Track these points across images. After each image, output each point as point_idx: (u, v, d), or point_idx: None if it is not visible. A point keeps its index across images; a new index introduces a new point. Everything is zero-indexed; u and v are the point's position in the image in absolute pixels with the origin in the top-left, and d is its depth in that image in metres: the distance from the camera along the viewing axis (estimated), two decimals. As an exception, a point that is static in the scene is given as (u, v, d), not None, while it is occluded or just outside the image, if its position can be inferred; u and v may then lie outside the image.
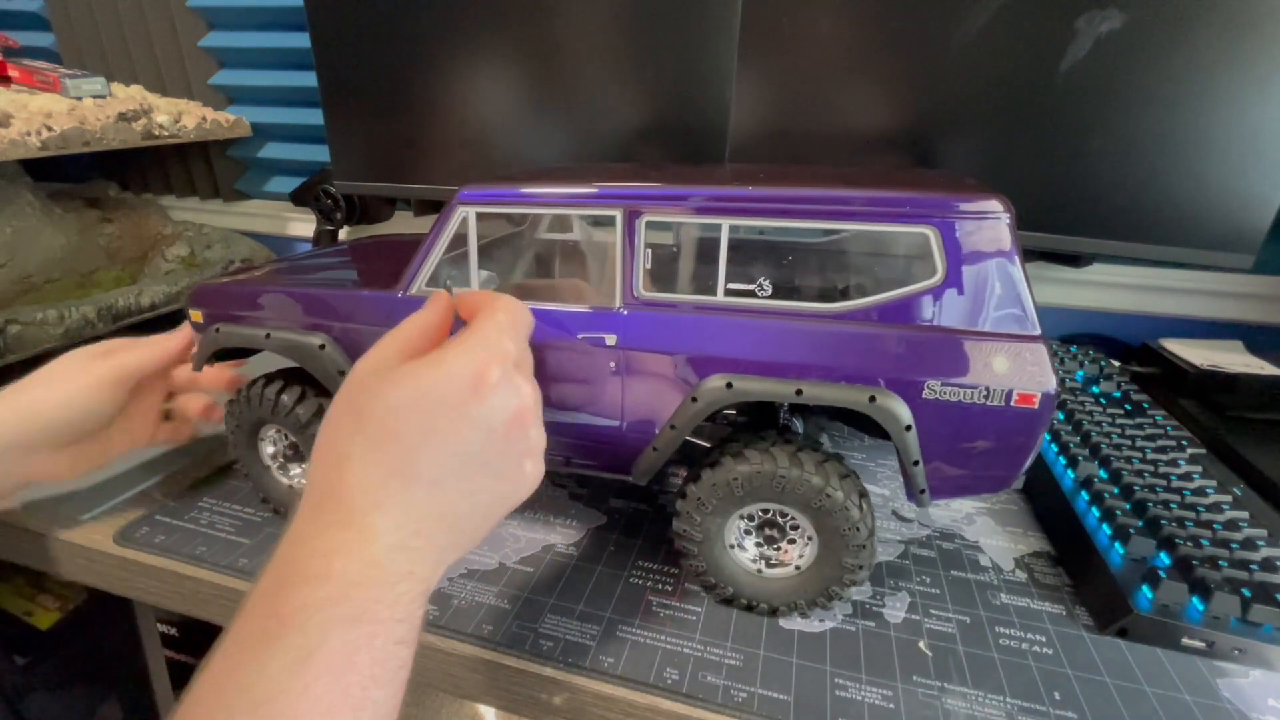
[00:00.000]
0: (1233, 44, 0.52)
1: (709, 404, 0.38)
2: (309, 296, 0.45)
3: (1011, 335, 0.34)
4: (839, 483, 0.37)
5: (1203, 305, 0.76)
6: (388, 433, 0.28)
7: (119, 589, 0.48)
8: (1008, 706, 0.36)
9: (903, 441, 0.36)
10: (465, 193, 0.41)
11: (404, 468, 0.28)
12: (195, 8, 0.94)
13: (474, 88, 0.72)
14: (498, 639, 0.39)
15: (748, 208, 0.36)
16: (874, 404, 0.35)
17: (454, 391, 0.28)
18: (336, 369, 0.43)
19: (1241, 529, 0.43)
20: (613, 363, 0.39)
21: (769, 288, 0.37)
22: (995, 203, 0.34)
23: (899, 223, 0.35)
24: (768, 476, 0.37)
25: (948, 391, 0.34)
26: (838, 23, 0.60)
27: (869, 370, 0.35)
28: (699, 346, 0.38)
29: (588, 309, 0.39)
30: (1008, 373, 0.34)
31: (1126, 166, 0.57)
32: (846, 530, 0.37)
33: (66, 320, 0.74)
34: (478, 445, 0.29)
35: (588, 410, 0.41)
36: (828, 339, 0.36)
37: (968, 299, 0.34)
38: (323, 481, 0.29)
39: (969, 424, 0.35)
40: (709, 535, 0.40)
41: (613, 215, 0.38)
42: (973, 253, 0.34)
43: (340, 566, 0.26)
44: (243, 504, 0.51)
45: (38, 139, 0.72)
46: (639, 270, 0.38)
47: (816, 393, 0.36)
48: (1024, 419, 0.34)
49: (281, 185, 1.02)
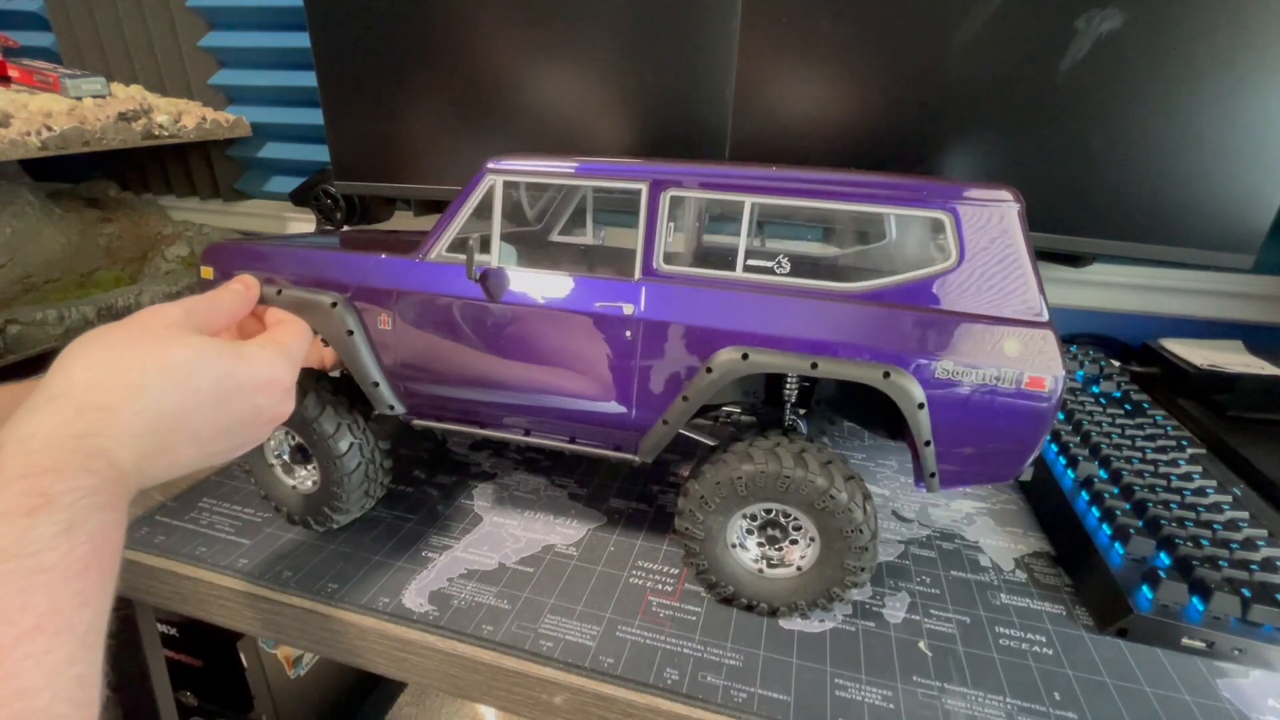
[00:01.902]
0: (1233, 44, 0.52)
1: (724, 374, 0.38)
2: (325, 257, 0.45)
3: (1023, 320, 0.35)
4: (844, 484, 0.37)
5: (1203, 305, 0.76)
6: (183, 387, 0.32)
7: (119, 589, 0.48)
8: (1008, 707, 0.36)
9: (915, 419, 0.36)
10: (494, 162, 0.41)
11: (180, 423, 0.32)
12: (195, 8, 0.94)
13: (474, 88, 0.72)
14: (498, 639, 0.39)
15: (772, 186, 0.37)
16: (888, 380, 0.35)
17: (251, 383, 0.35)
18: (345, 329, 0.43)
19: (1241, 529, 0.43)
20: (628, 332, 0.39)
21: (787, 265, 0.38)
22: (1005, 194, 0.35)
23: (917, 206, 0.36)
24: (772, 476, 0.38)
25: (960, 372, 0.35)
26: (838, 23, 0.60)
27: (884, 348, 0.36)
28: (716, 320, 0.38)
29: (605, 278, 0.40)
30: (1019, 356, 0.34)
31: (1127, 166, 0.57)
32: (849, 532, 0.37)
33: (66, 320, 0.74)
34: (244, 420, 0.35)
35: (598, 384, 0.41)
36: (844, 316, 0.37)
37: (980, 283, 0.36)
38: (89, 387, 0.29)
39: (980, 405, 0.35)
40: (711, 534, 0.40)
41: (638, 188, 0.39)
42: (985, 238, 0.35)
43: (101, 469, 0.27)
44: (243, 504, 0.51)
45: (38, 139, 0.72)
46: (660, 243, 0.39)
47: (831, 368, 0.36)
48: (1034, 402, 0.35)
49: (281, 185, 1.02)
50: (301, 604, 0.42)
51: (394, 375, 0.45)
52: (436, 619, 0.41)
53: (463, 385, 0.44)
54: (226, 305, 0.40)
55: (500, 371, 0.43)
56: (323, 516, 0.47)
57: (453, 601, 0.42)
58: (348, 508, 0.46)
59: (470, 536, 0.48)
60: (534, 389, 0.43)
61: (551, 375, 0.42)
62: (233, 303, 0.41)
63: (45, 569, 0.23)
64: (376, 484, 0.48)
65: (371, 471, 0.47)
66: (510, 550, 0.47)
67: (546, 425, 0.45)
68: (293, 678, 0.94)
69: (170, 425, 0.31)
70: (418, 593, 0.43)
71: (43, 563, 0.23)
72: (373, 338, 0.44)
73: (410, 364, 0.44)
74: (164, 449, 0.31)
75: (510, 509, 0.51)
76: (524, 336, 0.41)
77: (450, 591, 0.43)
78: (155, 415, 0.30)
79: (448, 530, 0.48)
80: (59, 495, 0.25)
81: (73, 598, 0.24)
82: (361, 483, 0.46)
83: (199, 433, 0.33)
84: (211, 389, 0.33)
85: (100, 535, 0.25)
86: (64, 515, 0.24)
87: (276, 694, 0.91)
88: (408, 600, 0.42)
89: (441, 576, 0.44)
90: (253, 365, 0.35)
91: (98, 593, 0.25)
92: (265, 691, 0.89)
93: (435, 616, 0.41)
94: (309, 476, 0.48)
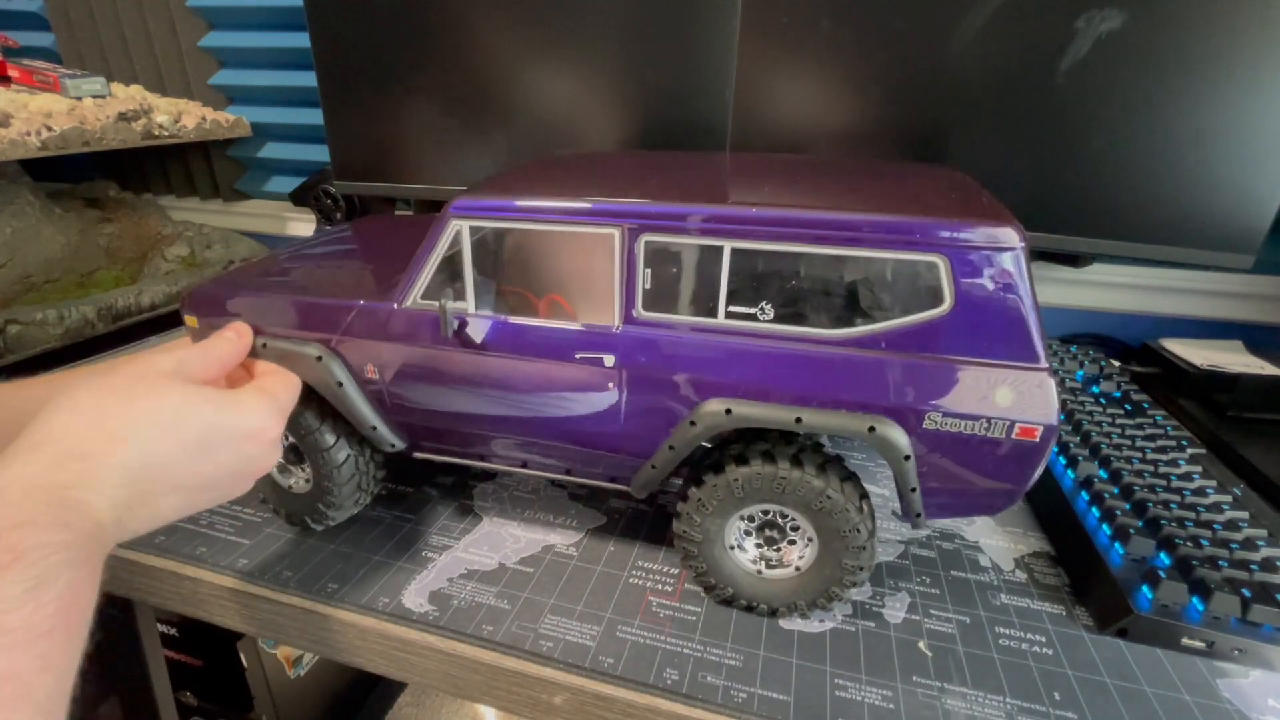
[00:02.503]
0: (1232, 44, 0.52)
1: (707, 429, 0.37)
2: (303, 305, 0.44)
3: (1017, 367, 0.33)
4: (840, 485, 0.37)
5: (1203, 305, 0.76)
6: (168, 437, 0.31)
7: (119, 589, 0.48)
8: (1007, 707, 0.36)
9: (901, 470, 0.36)
10: (459, 203, 0.39)
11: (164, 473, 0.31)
12: (195, 8, 0.94)
13: (474, 88, 0.72)
14: (498, 639, 0.39)
15: (751, 231, 0.35)
16: (873, 434, 0.35)
17: (239, 433, 0.35)
18: (335, 380, 0.43)
19: (1241, 529, 0.43)
20: (611, 383, 0.39)
21: (771, 311, 0.36)
22: (1009, 232, 0.32)
23: (909, 250, 0.34)
24: (768, 478, 0.37)
25: (949, 423, 0.34)
26: (838, 24, 0.60)
27: (870, 399, 0.35)
28: (698, 370, 0.37)
29: (585, 328, 0.39)
30: (1011, 405, 0.34)
31: (1127, 166, 0.57)
32: (847, 532, 0.37)
33: (66, 320, 0.74)
34: (231, 471, 0.35)
35: (589, 425, 0.41)
36: (829, 366, 0.35)
37: (975, 329, 0.34)
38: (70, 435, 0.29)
39: (968, 454, 0.35)
40: (709, 536, 0.40)
41: (611, 234, 0.37)
42: (983, 283, 0.33)
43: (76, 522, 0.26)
44: (242, 504, 0.51)
45: (38, 139, 0.72)
46: (639, 290, 0.38)
47: (816, 421, 0.36)
48: (1024, 451, 0.34)
49: (281, 185, 1.02)
50: (301, 604, 0.42)
51: (389, 415, 0.45)
52: (436, 619, 0.41)
53: (455, 426, 0.44)
54: (218, 354, 0.39)
55: (490, 413, 0.42)
56: (317, 514, 0.47)
57: (453, 601, 0.42)
58: (340, 503, 0.46)
59: (470, 536, 0.48)
60: (525, 430, 0.43)
61: (541, 418, 0.42)
62: (225, 351, 0.40)
63: (7, 631, 0.22)
64: (369, 478, 0.48)
65: (362, 464, 0.47)
66: (510, 550, 0.47)
67: (541, 461, 0.45)
68: (293, 678, 0.94)
69: (153, 476, 0.30)
70: (418, 593, 0.43)
71: (5, 624, 0.22)
72: (363, 385, 0.44)
73: (401, 408, 0.44)
74: (145, 500, 0.30)
75: (510, 509, 0.51)
76: (510, 383, 0.41)
77: (450, 591, 0.43)
78: (137, 466, 0.29)
79: (448, 530, 0.49)
80: (29, 551, 0.23)
81: (34, 661, 0.22)
82: (353, 476, 0.46)
83: (183, 483, 0.32)
84: (197, 439, 0.32)
85: (69, 594, 0.24)
86: (33, 572, 0.23)
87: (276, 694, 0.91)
88: (408, 600, 0.42)
89: (441, 576, 0.44)
90: (243, 415, 0.35)
91: (62, 656, 0.23)
92: (265, 691, 0.89)
93: (435, 616, 0.41)
94: (303, 476, 0.48)
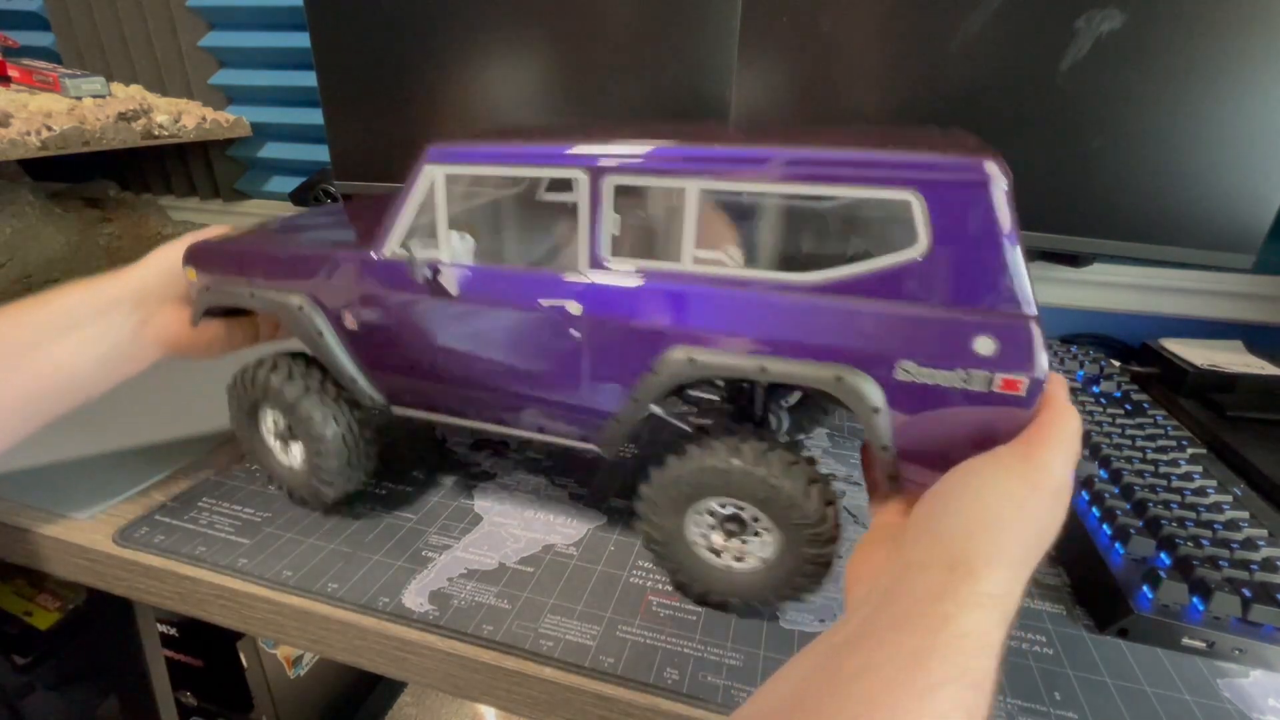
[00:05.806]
0: (1233, 44, 0.52)
1: (670, 377, 0.36)
2: (289, 256, 0.45)
3: (999, 314, 0.30)
4: (784, 470, 0.35)
5: (1203, 305, 0.76)
6: (1034, 519, 0.30)
7: (119, 589, 0.48)
8: (1008, 706, 0.36)
9: (870, 425, 0.33)
10: (435, 149, 0.39)
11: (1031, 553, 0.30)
12: (195, 8, 0.94)
13: (474, 87, 0.72)
14: (498, 639, 0.39)
15: (715, 169, 0.33)
16: (840, 383, 0.33)
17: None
18: (315, 330, 0.43)
19: (1241, 529, 0.43)
20: (574, 330, 0.38)
21: (739, 256, 0.35)
22: (990, 165, 0.30)
23: (878, 186, 0.31)
24: (710, 471, 0.36)
25: (923, 374, 0.32)
26: (838, 23, 0.60)
27: (837, 347, 0.33)
28: (661, 317, 0.36)
29: (551, 273, 0.38)
30: (991, 355, 0.30)
31: (1126, 166, 0.57)
32: (798, 520, 0.36)
33: (66, 320, 0.74)
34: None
35: (554, 378, 0.40)
36: (796, 312, 0.33)
37: (952, 272, 0.31)
38: (967, 541, 0.28)
39: (945, 410, 0.32)
40: (670, 535, 0.40)
41: (578, 177, 0.36)
42: (961, 222, 0.30)
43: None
44: (243, 504, 0.51)
45: (37, 139, 0.72)
46: (604, 235, 0.37)
47: (781, 369, 0.34)
48: (1009, 406, 0.31)
49: (281, 185, 1.02)
50: (301, 604, 0.42)
51: (369, 368, 0.45)
52: (436, 619, 0.41)
53: (429, 378, 0.44)
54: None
55: (462, 364, 0.42)
56: (313, 491, 0.47)
57: (453, 601, 0.42)
58: (332, 480, 0.47)
59: (470, 536, 0.48)
60: (496, 382, 0.42)
61: (510, 368, 0.41)
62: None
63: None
64: (359, 454, 0.48)
65: (350, 440, 0.47)
66: (510, 550, 0.47)
67: (513, 416, 0.44)
68: (293, 678, 0.94)
69: None
70: (417, 592, 0.43)
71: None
72: (343, 335, 0.44)
73: (379, 358, 0.44)
74: None
75: (510, 509, 0.51)
76: (480, 331, 0.41)
77: (450, 591, 0.43)
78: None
79: (448, 530, 0.48)
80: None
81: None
82: (342, 451, 0.46)
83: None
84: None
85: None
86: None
87: (276, 694, 0.91)
88: (407, 600, 0.42)
89: (441, 576, 0.44)
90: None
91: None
92: (265, 691, 0.89)
93: (435, 616, 0.41)
94: (299, 455, 0.48)
